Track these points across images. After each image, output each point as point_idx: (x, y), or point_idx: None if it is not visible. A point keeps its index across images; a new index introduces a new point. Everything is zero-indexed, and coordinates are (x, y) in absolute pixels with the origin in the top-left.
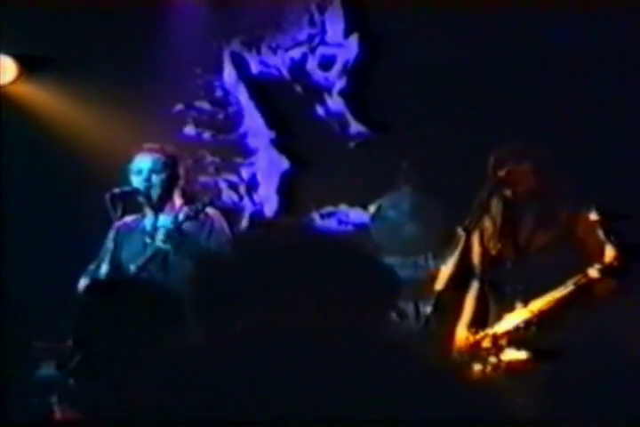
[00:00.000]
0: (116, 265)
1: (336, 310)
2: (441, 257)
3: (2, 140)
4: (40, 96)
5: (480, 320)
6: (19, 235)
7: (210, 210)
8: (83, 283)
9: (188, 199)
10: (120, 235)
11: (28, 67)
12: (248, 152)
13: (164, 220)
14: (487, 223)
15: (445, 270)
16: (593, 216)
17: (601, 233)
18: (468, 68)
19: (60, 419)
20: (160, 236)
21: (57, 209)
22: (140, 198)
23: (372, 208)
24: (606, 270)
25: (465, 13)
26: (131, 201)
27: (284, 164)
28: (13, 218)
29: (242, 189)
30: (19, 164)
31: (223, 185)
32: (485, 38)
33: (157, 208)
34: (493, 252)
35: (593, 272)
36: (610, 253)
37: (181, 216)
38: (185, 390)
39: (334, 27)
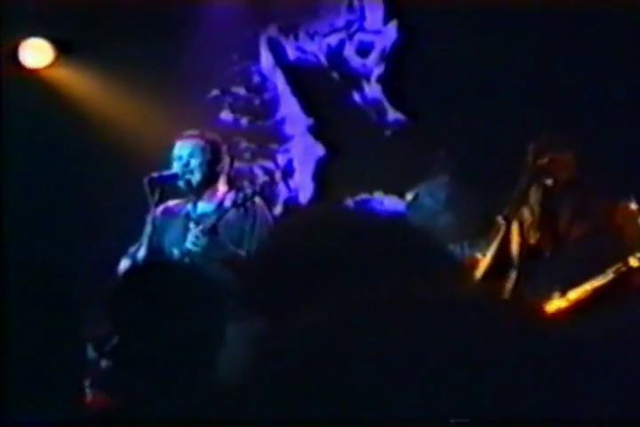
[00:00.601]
0: (155, 249)
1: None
2: (477, 246)
3: (40, 124)
4: (77, 79)
5: None
6: (59, 220)
7: (255, 199)
8: (123, 265)
9: (233, 186)
10: (161, 219)
11: (65, 50)
12: (284, 138)
13: (207, 206)
14: (526, 213)
15: (484, 259)
16: (633, 205)
17: None
18: (508, 56)
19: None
20: (206, 223)
21: (95, 194)
22: (180, 183)
23: (410, 196)
24: None
25: (504, 1)
26: (170, 186)
27: (320, 150)
28: (53, 203)
29: (277, 175)
30: (56, 148)
31: (258, 171)
32: (527, 25)
33: (198, 194)
34: (532, 241)
35: (633, 261)
36: None
37: (227, 203)
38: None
39: (373, 13)
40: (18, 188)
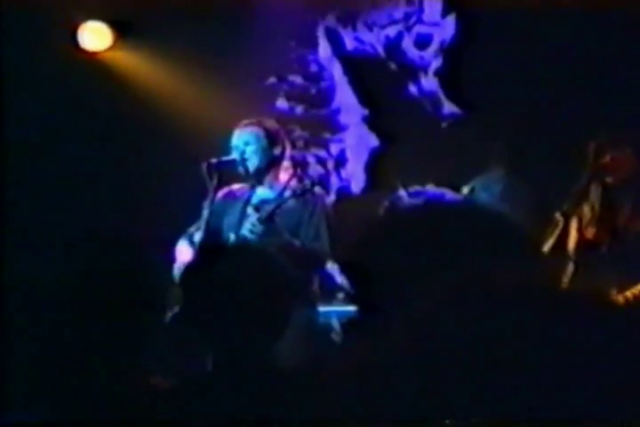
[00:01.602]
0: (214, 232)
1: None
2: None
3: (98, 107)
4: (135, 63)
5: None
6: (115, 203)
7: (317, 189)
8: (181, 245)
9: (295, 173)
10: (222, 202)
11: (124, 33)
12: (338, 128)
13: (268, 192)
14: (585, 209)
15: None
16: None
17: None
18: (568, 51)
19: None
20: (264, 210)
21: (152, 178)
22: (239, 169)
23: (466, 189)
24: None
25: None
26: (231, 173)
27: (374, 141)
28: (111, 187)
29: (330, 164)
30: (114, 131)
31: (311, 159)
32: (587, 19)
33: (259, 179)
34: (590, 237)
35: None
36: None
37: (288, 192)
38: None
39: (432, 6)
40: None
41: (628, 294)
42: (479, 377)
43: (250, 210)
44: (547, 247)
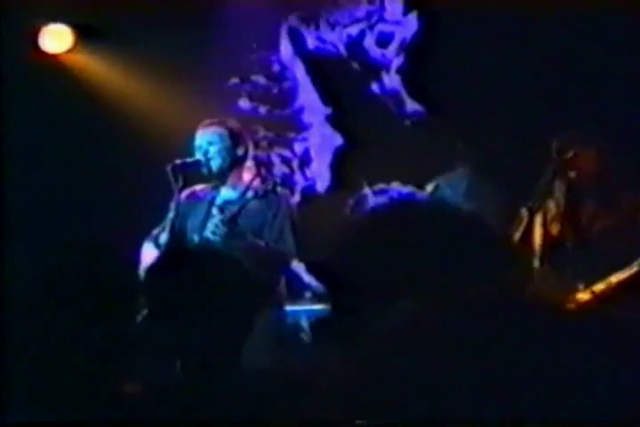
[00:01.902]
0: (178, 234)
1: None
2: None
3: (59, 109)
4: (96, 65)
5: None
6: (78, 207)
7: (279, 189)
8: (145, 250)
9: (258, 174)
10: (186, 204)
11: (85, 35)
12: (302, 127)
13: (231, 193)
14: (550, 205)
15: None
16: None
17: None
18: (532, 46)
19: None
20: (227, 211)
21: (114, 181)
22: (203, 170)
23: (430, 187)
24: None
25: None
26: (195, 174)
27: (338, 140)
28: (73, 189)
29: (294, 164)
30: (75, 133)
31: (276, 159)
32: (551, 17)
33: (222, 180)
34: (555, 233)
35: None
36: None
37: (250, 193)
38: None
39: (393, 4)
40: (33, 175)
41: (595, 289)
42: (450, 376)
43: (214, 211)
44: (516, 238)
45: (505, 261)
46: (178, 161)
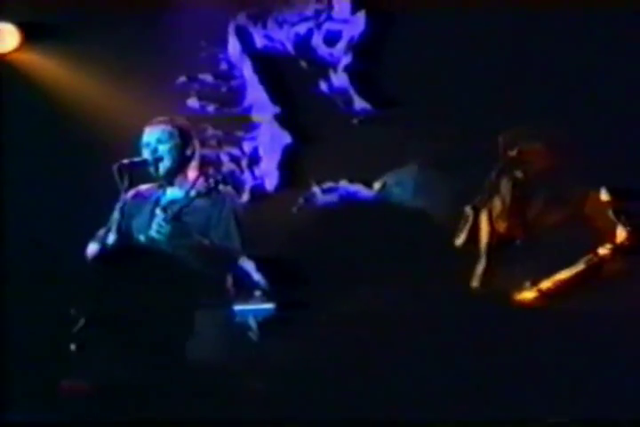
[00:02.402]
0: (124, 234)
1: None
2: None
3: (4, 109)
4: (42, 64)
5: None
6: (24, 207)
7: (222, 187)
8: (91, 249)
9: (202, 172)
10: (131, 204)
11: (31, 34)
12: (251, 126)
13: (177, 192)
14: (496, 202)
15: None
16: (604, 196)
17: (612, 213)
18: (477, 45)
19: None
20: (171, 210)
21: (62, 180)
22: (150, 169)
23: (377, 185)
24: (617, 250)
25: None
26: (141, 173)
27: (287, 138)
28: (17, 190)
29: (243, 162)
30: (21, 133)
31: (225, 158)
32: (498, 14)
33: (169, 180)
34: (502, 230)
35: (604, 252)
36: (621, 233)
37: (193, 192)
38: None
39: (342, 3)
40: None
41: (542, 286)
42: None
43: (158, 211)
44: (459, 242)
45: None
46: (124, 161)
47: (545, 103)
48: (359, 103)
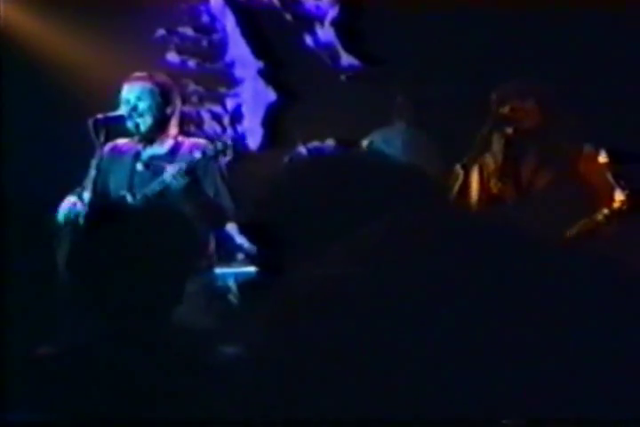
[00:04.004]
0: (101, 190)
1: None
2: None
3: None
4: (19, 18)
5: None
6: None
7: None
8: (63, 209)
9: (183, 128)
10: (108, 158)
11: None
12: (233, 82)
13: (157, 148)
14: (488, 161)
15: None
16: (602, 158)
17: (610, 176)
18: (470, 1)
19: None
20: (171, 170)
21: (40, 137)
22: (128, 125)
23: (365, 143)
24: (614, 215)
25: None
26: (119, 129)
27: (271, 95)
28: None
29: (225, 120)
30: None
31: (206, 116)
32: None
33: (150, 137)
34: (494, 190)
35: (600, 217)
36: (619, 196)
37: (197, 153)
38: None
39: None
40: None
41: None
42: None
43: (139, 166)
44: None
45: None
46: (99, 115)
47: (537, 59)
48: (346, 59)
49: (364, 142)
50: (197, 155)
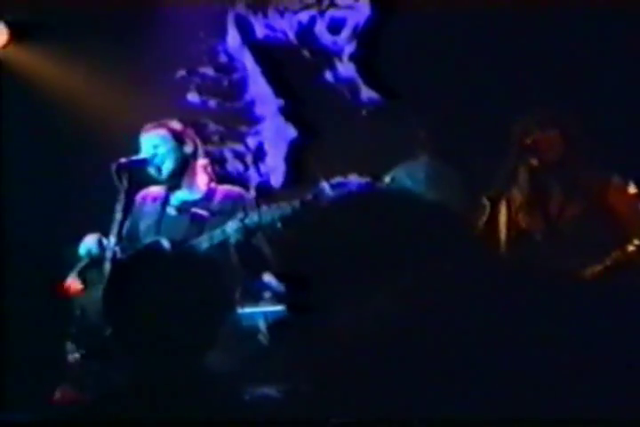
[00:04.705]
0: (128, 235)
1: None
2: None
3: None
4: (35, 62)
5: None
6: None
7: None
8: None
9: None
10: (139, 206)
11: (23, 31)
12: (254, 120)
13: (187, 193)
14: (515, 194)
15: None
16: (632, 189)
17: None
18: (489, 32)
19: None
20: (233, 225)
21: (58, 180)
22: (150, 169)
23: (387, 179)
24: None
25: None
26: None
27: (292, 132)
28: (13, 190)
29: (248, 158)
30: (15, 133)
31: (229, 155)
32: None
33: (174, 182)
34: (523, 224)
35: (632, 248)
36: None
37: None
38: None
39: None
40: None
41: None
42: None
43: (171, 210)
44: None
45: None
46: (122, 160)
47: (558, 90)
48: (366, 93)
49: (387, 177)
50: (255, 217)
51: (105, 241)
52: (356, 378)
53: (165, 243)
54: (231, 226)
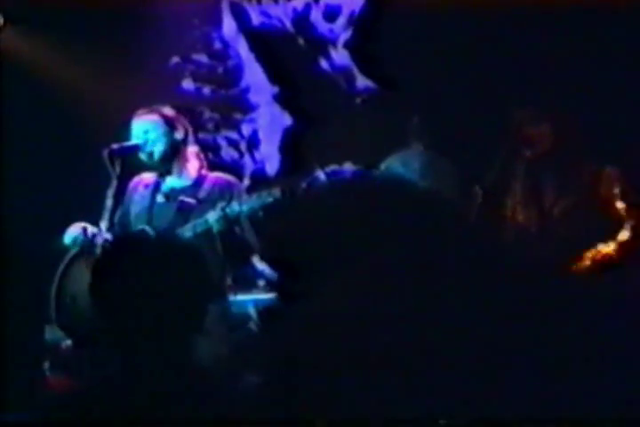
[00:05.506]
0: (120, 222)
1: None
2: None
3: None
4: (30, 49)
5: None
6: (15, 194)
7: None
8: (71, 233)
9: (202, 160)
10: (131, 192)
11: (14, 18)
12: (249, 108)
13: (178, 180)
14: (508, 186)
15: None
16: (616, 190)
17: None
18: (484, 21)
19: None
20: (214, 215)
21: (53, 165)
22: (142, 155)
23: (383, 166)
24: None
25: None
26: (133, 158)
27: (287, 120)
28: (10, 178)
29: (242, 146)
30: (11, 119)
31: (223, 142)
32: None
33: (165, 167)
34: (520, 218)
35: (622, 236)
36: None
37: (237, 206)
38: None
39: None
40: None
41: None
42: (403, 367)
43: (160, 198)
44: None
45: (462, 241)
46: (115, 145)
47: (553, 82)
48: (362, 81)
49: (382, 166)
50: (236, 207)
51: (90, 229)
52: (344, 372)
53: (150, 231)
54: (212, 215)
